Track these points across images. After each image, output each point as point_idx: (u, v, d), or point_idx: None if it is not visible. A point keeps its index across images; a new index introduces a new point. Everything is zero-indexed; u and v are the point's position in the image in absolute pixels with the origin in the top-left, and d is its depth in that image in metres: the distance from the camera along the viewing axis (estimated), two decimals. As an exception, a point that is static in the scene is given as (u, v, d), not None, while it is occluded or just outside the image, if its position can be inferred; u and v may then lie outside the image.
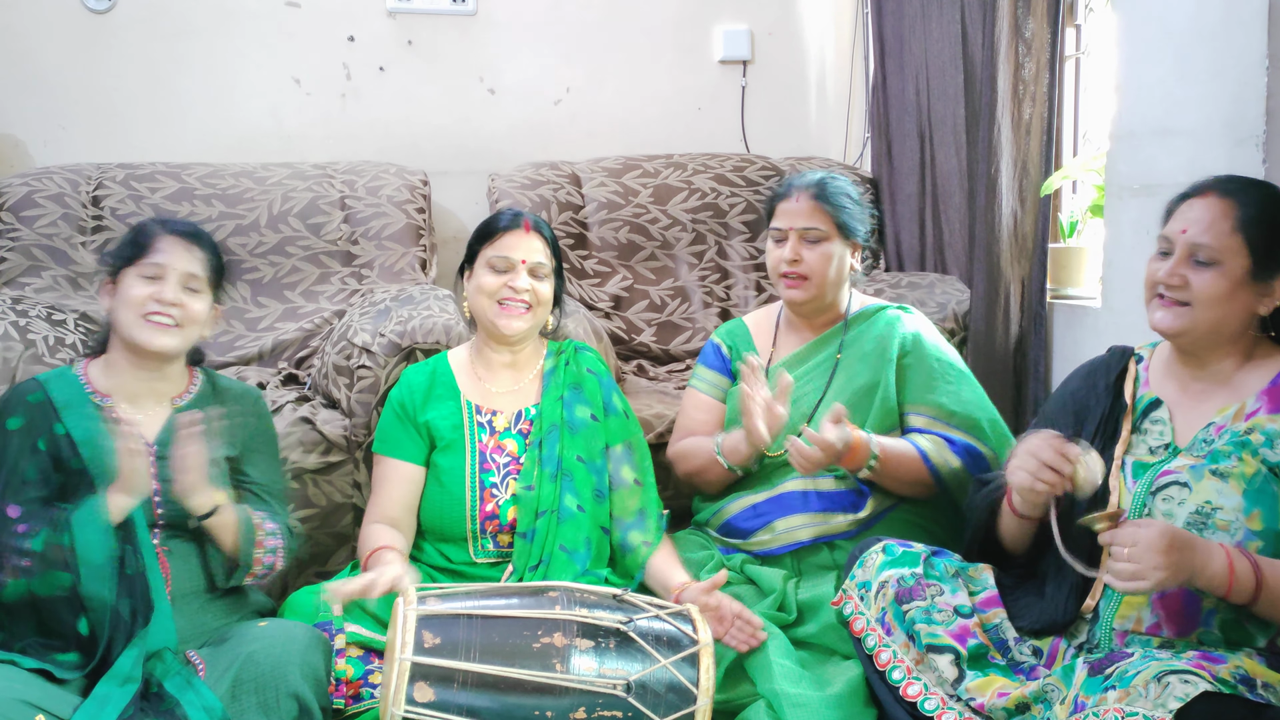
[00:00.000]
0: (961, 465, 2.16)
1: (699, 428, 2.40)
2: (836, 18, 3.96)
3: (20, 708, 1.58)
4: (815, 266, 2.27)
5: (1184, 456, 1.72)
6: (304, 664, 1.73)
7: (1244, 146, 2.10)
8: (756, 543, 2.21)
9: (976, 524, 1.93)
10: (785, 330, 2.41)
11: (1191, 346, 1.74)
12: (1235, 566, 1.55)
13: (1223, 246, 1.67)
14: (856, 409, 2.24)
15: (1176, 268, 1.70)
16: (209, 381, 2.02)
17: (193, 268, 1.90)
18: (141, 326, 1.86)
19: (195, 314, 1.90)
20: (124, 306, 1.88)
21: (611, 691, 1.67)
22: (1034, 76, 2.80)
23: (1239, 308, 1.69)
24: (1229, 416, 1.71)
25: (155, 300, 1.86)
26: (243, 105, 3.53)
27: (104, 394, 1.91)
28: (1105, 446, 1.79)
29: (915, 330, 2.31)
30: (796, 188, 2.31)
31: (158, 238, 1.90)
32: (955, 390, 2.25)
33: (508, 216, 2.18)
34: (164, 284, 1.87)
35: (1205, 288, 1.67)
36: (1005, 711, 1.68)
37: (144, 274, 1.88)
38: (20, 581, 1.74)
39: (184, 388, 1.98)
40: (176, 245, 1.90)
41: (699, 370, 2.46)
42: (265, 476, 2.01)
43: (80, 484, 1.82)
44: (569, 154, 3.61)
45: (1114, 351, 1.90)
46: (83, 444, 1.83)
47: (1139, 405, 1.81)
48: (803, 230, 2.27)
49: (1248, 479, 1.64)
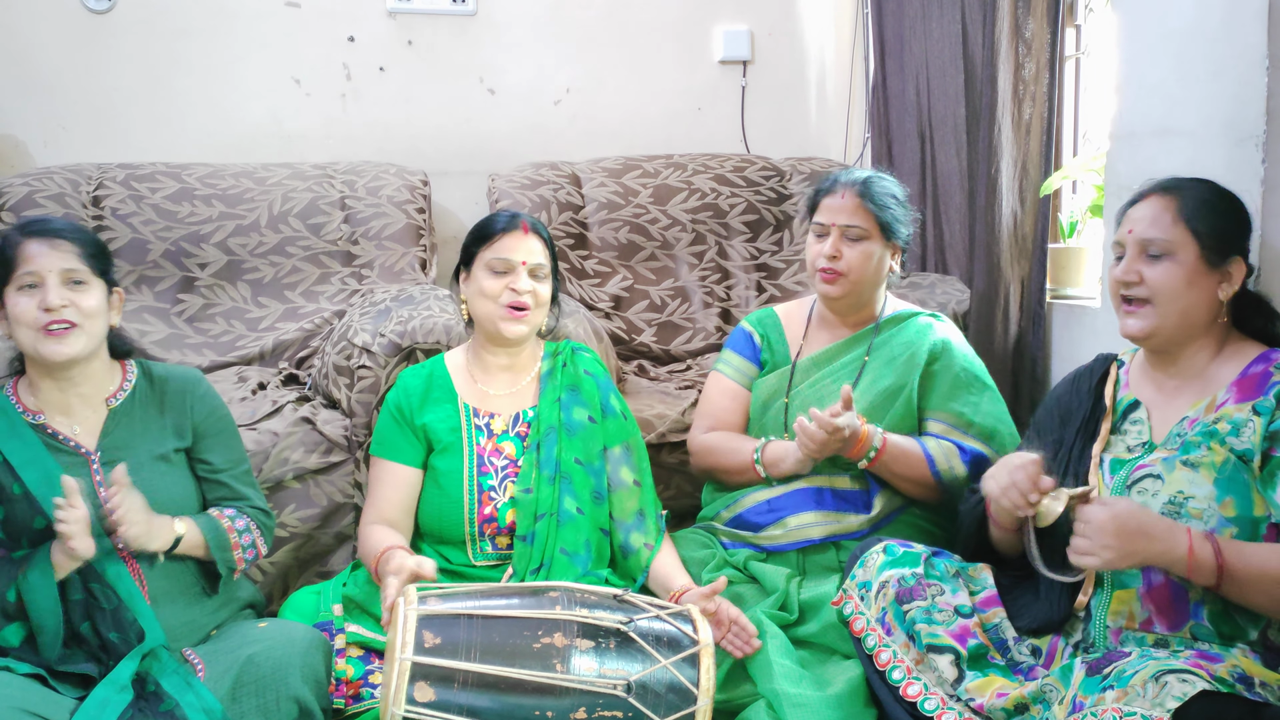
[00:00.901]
0: (967, 474, 2.16)
1: (725, 415, 2.38)
2: (836, 18, 3.96)
3: (17, 714, 1.57)
4: (854, 264, 2.26)
5: (1159, 451, 1.76)
6: (305, 666, 1.72)
7: (1244, 146, 2.09)
8: (766, 537, 2.21)
9: (968, 530, 1.97)
10: (817, 325, 2.40)
11: (1164, 345, 1.78)
12: (1195, 549, 1.59)
13: (1170, 238, 1.74)
14: (879, 411, 2.24)
15: (1131, 265, 1.77)
16: (143, 374, 1.94)
17: (67, 263, 1.79)
18: (43, 340, 1.78)
19: (89, 308, 1.81)
20: (18, 326, 1.79)
21: (612, 692, 1.67)
22: (1034, 76, 2.80)
23: (1200, 295, 1.74)
24: (1201, 409, 1.75)
25: (43, 310, 1.77)
26: (242, 105, 3.53)
27: (35, 411, 1.84)
28: (1085, 445, 1.84)
29: (945, 338, 2.31)
30: (842, 184, 2.29)
31: (21, 246, 1.79)
32: (976, 401, 2.26)
33: (505, 218, 2.17)
34: (45, 290, 1.78)
35: (1161, 280, 1.73)
36: (1004, 712, 1.69)
37: (22, 286, 1.79)
38: None
39: (117, 385, 1.91)
40: (41, 247, 1.79)
41: (727, 355, 2.44)
42: (226, 459, 1.96)
43: (25, 510, 1.76)
44: (569, 154, 3.61)
45: (1098, 358, 1.96)
46: (21, 468, 1.77)
47: (1119, 407, 1.86)
48: (845, 227, 2.26)
49: (1218, 467, 1.67)
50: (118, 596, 1.76)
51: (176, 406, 1.93)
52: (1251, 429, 1.67)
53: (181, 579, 1.87)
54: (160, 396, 1.93)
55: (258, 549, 1.93)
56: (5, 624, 1.73)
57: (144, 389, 1.92)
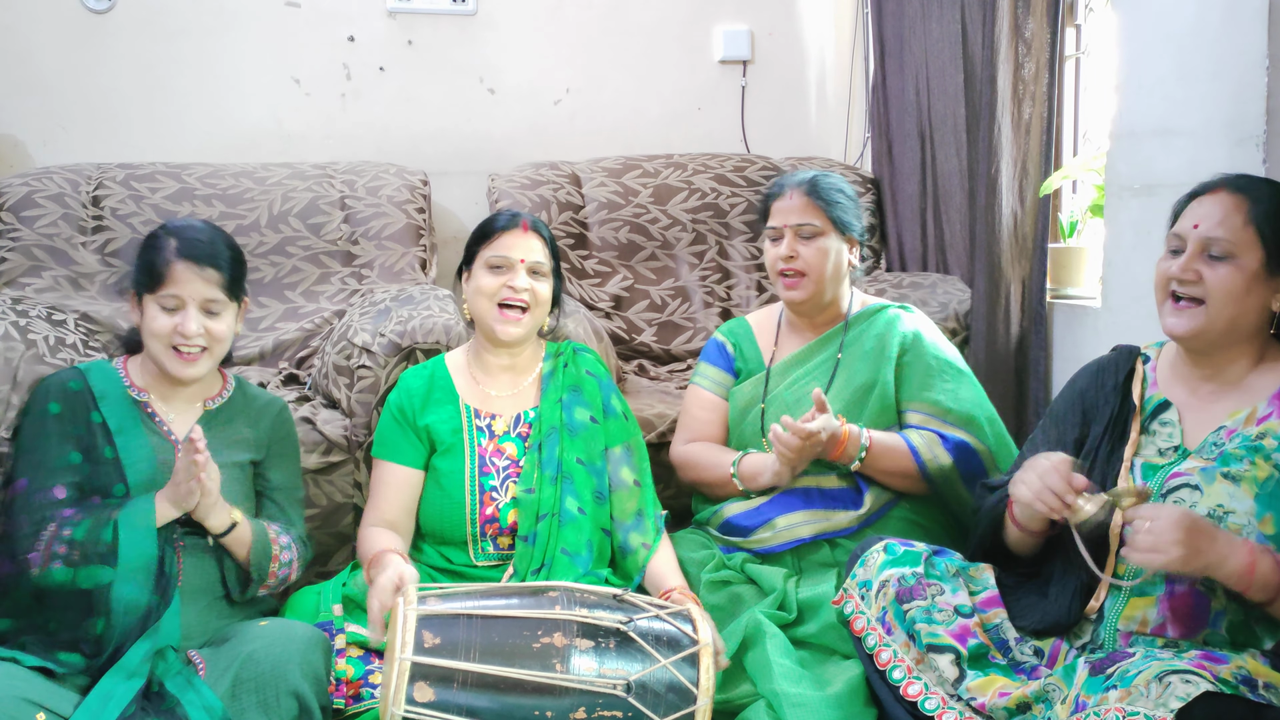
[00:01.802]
0: (952, 462, 2.17)
1: (703, 427, 2.40)
2: (836, 18, 3.96)
3: (22, 705, 1.58)
4: (812, 262, 2.27)
5: (1194, 459, 1.71)
6: (304, 663, 1.73)
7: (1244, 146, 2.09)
8: (757, 540, 2.21)
9: (983, 531, 1.93)
10: (787, 331, 2.42)
11: (1206, 347, 1.72)
12: (1258, 563, 1.54)
13: (1237, 240, 1.65)
14: (856, 408, 2.25)
15: (1190, 263, 1.68)
16: (239, 386, 2.05)
17: (210, 293, 1.89)
18: (171, 358, 1.88)
19: (220, 334, 1.91)
20: (150, 336, 1.89)
21: (611, 691, 1.66)
22: (1034, 76, 2.80)
23: (1254, 303, 1.67)
24: (1240, 420, 1.70)
25: (179, 335, 1.87)
26: (242, 105, 3.53)
27: (141, 389, 1.94)
28: (1114, 447, 1.79)
29: (915, 329, 2.31)
30: (789, 185, 2.32)
31: (172, 266, 1.87)
32: (953, 389, 2.26)
33: (505, 217, 2.17)
34: (185, 315, 1.87)
35: (1220, 283, 1.66)
36: (1006, 711, 1.68)
37: (164, 305, 1.88)
38: (66, 570, 1.75)
39: (217, 390, 2.01)
40: (190, 272, 1.87)
41: (702, 368, 2.46)
42: (285, 481, 2.04)
43: (110, 474, 1.85)
44: (569, 154, 3.61)
45: (1121, 351, 1.89)
46: (117, 434, 1.87)
47: (1147, 406, 1.81)
48: (797, 226, 2.28)
49: (1260, 483, 1.63)
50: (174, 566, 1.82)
51: (260, 423, 2.02)
52: None
53: (211, 580, 1.90)
54: (249, 410, 2.02)
55: (290, 572, 1.96)
56: (92, 564, 1.76)
57: (238, 399, 2.03)
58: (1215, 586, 1.63)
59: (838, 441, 2.12)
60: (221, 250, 1.92)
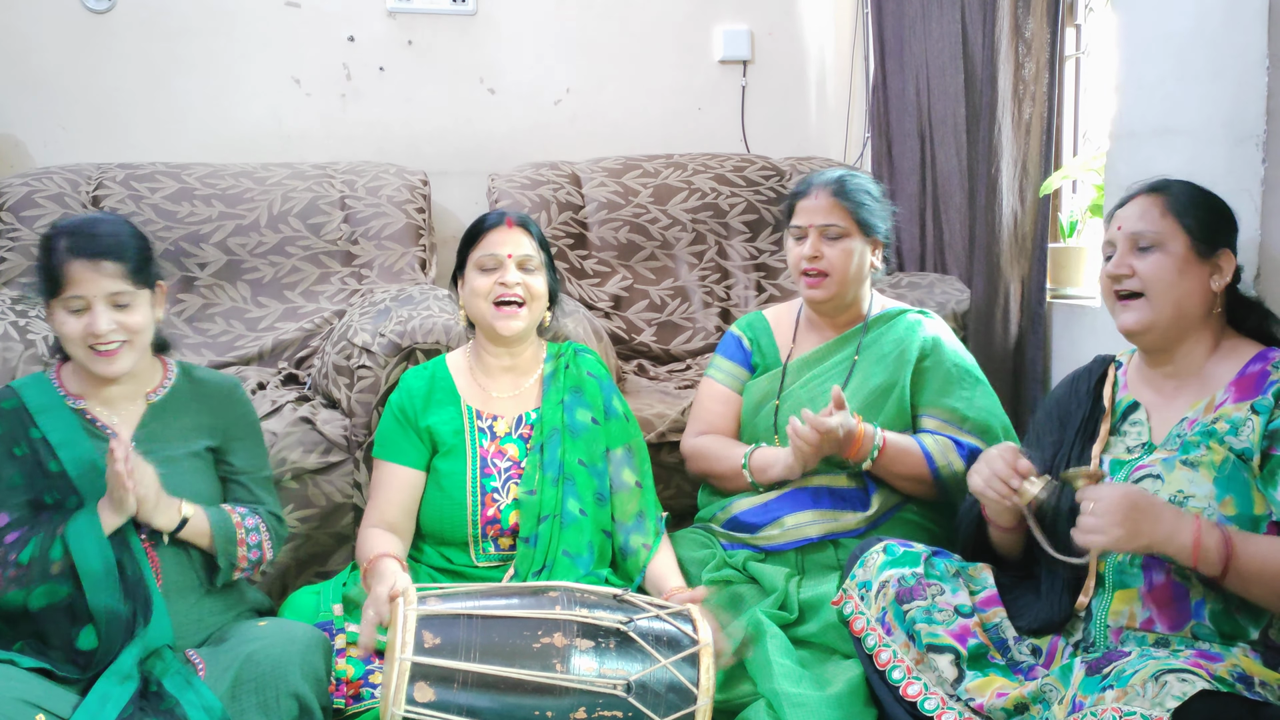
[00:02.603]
0: (964, 469, 2.16)
1: (717, 420, 2.40)
2: (836, 18, 3.96)
3: (20, 707, 1.58)
4: (836, 263, 2.26)
5: (1159, 452, 1.76)
6: (304, 664, 1.72)
7: (1244, 146, 2.09)
8: (764, 537, 2.21)
9: (966, 531, 1.98)
10: (805, 328, 2.41)
11: (1159, 341, 1.78)
12: (1202, 538, 1.58)
13: (1159, 229, 1.75)
14: (871, 409, 2.25)
15: (1123, 259, 1.78)
16: (184, 373, 1.98)
17: (113, 285, 1.80)
18: (91, 359, 1.82)
19: (136, 324, 1.83)
20: (66, 341, 1.83)
21: (612, 691, 1.67)
22: (1034, 76, 2.80)
23: (1192, 286, 1.74)
24: (1200, 410, 1.75)
25: (91, 335, 1.79)
26: (242, 105, 3.53)
27: (77, 396, 1.88)
28: (1084, 446, 1.85)
29: (935, 335, 2.32)
30: (816, 185, 2.31)
31: (67, 267, 1.79)
32: (970, 396, 2.27)
33: (492, 216, 2.18)
34: (93, 315, 1.79)
35: (1153, 270, 1.75)
36: (1004, 711, 1.69)
37: (70, 308, 1.80)
38: (19, 592, 1.73)
39: (158, 381, 1.95)
40: (87, 270, 1.78)
41: (718, 361, 2.45)
42: (249, 464, 1.99)
43: (60, 488, 1.80)
44: (569, 154, 3.61)
45: (1096, 360, 1.96)
46: (59, 447, 1.81)
47: (1118, 408, 1.86)
48: (822, 227, 2.27)
49: (1217, 467, 1.67)
50: (139, 568, 1.79)
51: (213, 408, 1.96)
52: (1250, 428, 1.68)
53: (193, 574, 1.88)
54: (199, 397, 1.96)
55: (264, 552, 1.93)
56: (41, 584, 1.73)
57: (184, 388, 1.96)
58: (1190, 575, 1.66)
59: (853, 440, 2.12)
60: (118, 240, 1.83)
